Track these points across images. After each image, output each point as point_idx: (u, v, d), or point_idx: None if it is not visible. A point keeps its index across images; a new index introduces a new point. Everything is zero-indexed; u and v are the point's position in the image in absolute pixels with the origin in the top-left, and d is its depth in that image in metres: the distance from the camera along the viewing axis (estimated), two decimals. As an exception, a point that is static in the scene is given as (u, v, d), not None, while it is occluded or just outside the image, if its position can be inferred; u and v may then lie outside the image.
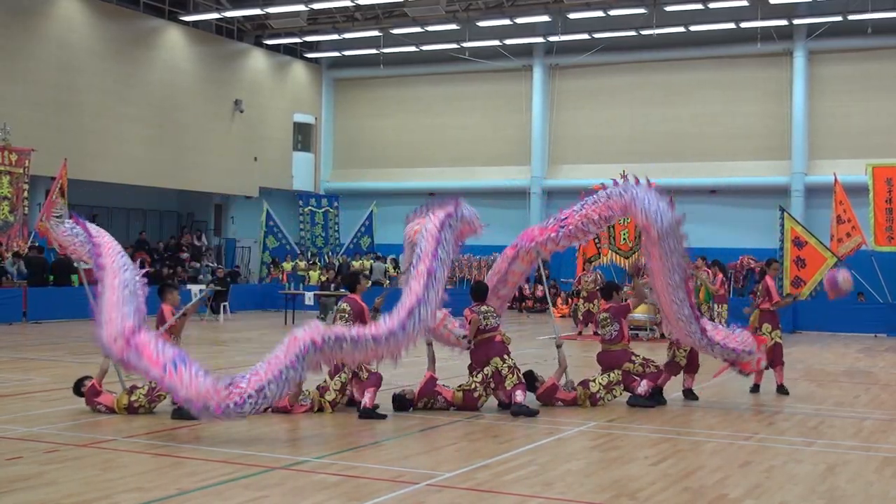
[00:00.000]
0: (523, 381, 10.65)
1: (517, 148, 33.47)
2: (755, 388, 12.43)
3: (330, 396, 10.42)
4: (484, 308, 10.84)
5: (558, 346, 11.27)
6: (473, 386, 10.67)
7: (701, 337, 10.97)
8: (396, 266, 31.98)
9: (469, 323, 10.78)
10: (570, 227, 11.02)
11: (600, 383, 11.12)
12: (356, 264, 29.19)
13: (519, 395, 10.42)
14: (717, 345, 11.05)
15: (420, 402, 10.66)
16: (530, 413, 10.28)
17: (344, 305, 10.58)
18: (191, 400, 8.58)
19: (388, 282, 29.76)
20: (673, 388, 11.91)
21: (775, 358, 12.45)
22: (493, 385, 10.68)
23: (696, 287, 17.85)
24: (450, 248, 10.37)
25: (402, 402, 10.62)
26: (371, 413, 10.03)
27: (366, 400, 10.12)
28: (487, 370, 10.63)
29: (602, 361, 11.41)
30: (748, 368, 11.52)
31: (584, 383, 11.15)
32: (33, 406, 10.48)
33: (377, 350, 9.36)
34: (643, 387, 11.16)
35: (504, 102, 33.92)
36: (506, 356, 10.69)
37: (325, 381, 10.49)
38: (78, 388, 10.38)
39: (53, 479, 7.17)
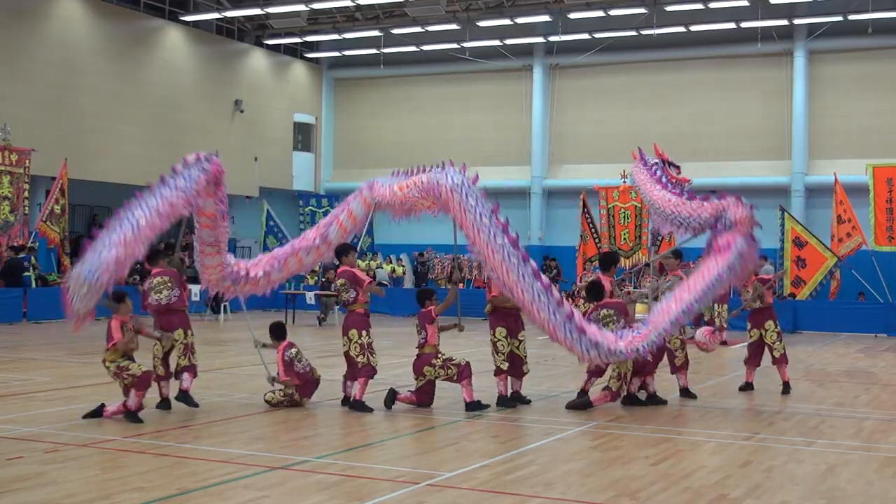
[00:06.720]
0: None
1: (517, 148, 33.44)
2: (747, 386, 12.47)
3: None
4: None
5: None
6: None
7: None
8: (401, 265, 31.92)
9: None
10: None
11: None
12: (362, 265, 29.11)
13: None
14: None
15: None
16: (482, 407, 10.30)
17: (340, 280, 10.50)
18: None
19: (389, 283, 29.68)
20: (672, 388, 11.92)
21: (753, 355, 12.42)
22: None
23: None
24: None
25: (392, 398, 10.53)
26: (359, 406, 10.15)
27: (355, 391, 10.26)
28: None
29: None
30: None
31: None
32: (34, 406, 10.47)
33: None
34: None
35: (504, 102, 33.90)
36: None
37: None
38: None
39: (53, 479, 7.16)
